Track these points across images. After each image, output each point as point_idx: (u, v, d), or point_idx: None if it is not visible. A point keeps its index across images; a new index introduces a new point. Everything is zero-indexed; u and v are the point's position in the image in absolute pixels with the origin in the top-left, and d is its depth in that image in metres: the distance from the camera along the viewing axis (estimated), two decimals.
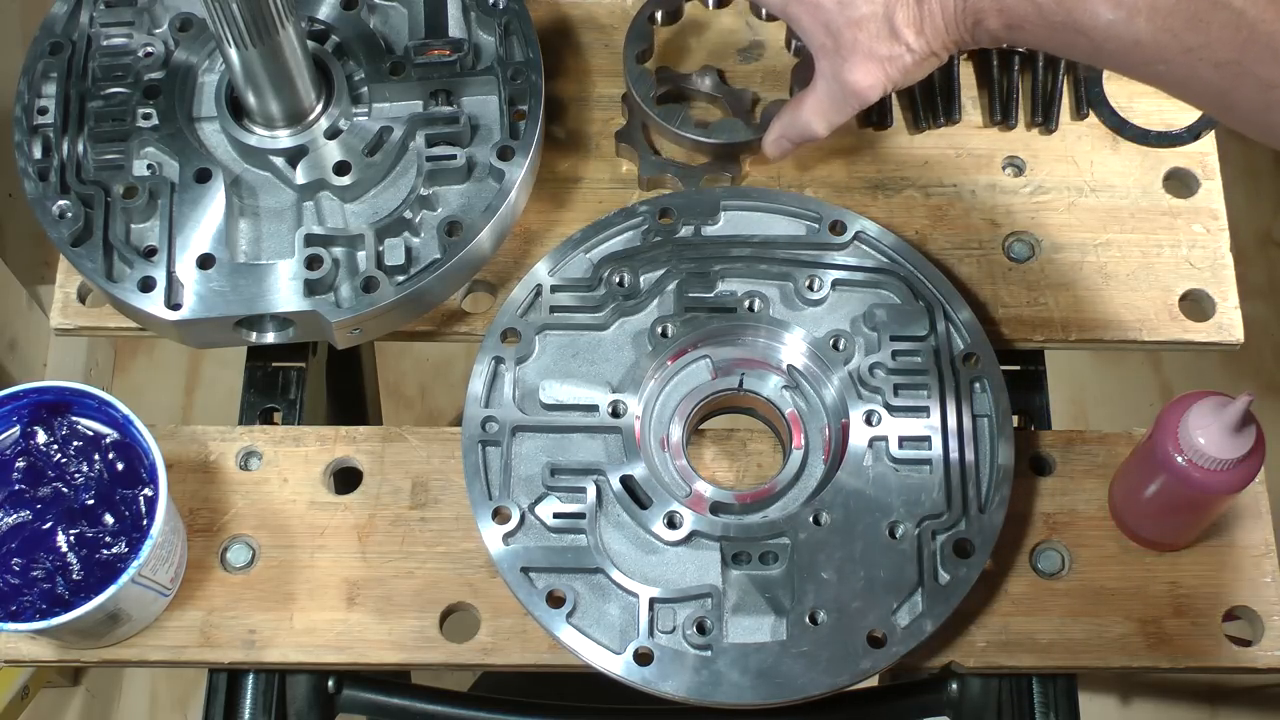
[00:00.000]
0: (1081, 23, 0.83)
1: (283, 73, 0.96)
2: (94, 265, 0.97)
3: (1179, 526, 0.96)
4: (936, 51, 0.91)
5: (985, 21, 0.88)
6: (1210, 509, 0.93)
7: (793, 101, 1.00)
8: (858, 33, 0.90)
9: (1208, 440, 0.86)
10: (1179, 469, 0.88)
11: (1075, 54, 0.87)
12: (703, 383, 1.00)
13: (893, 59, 0.91)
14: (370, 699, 1.01)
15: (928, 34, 0.90)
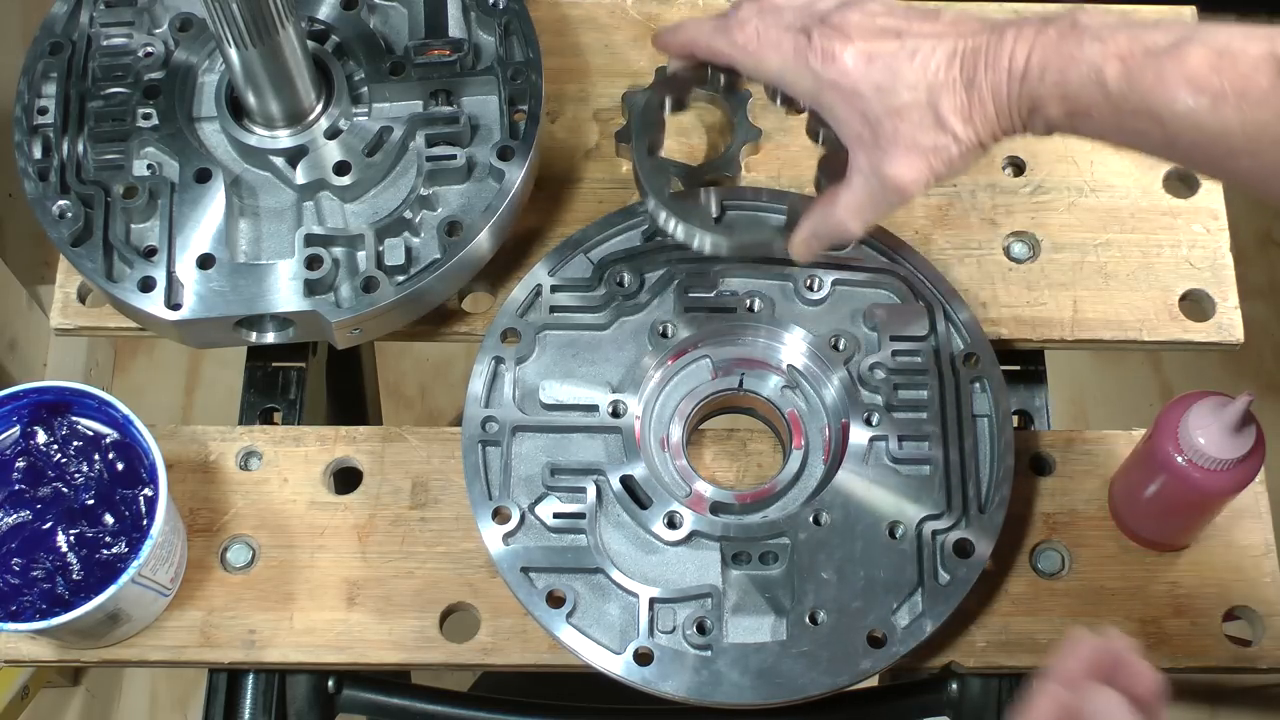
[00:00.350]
0: (1157, 110, 0.74)
1: (283, 73, 0.96)
2: (94, 265, 0.97)
3: (1179, 526, 0.96)
4: (984, 142, 0.82)
5: (1044, 109, 0.79)
6: (1210, 509, 0.93)
7: (824, 198, 0.89)
8: (899, 122, 0.82)
9: (1208, 440, 0.86)
10: (1179, 469, 0.88)
11: (1144, 145, 0.78)
12: (703, 383, 1.00)
13: (937, 150, 0.82)
14: (370, 699, 1.01)
15: (976, 123, 0.81)
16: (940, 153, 0.82)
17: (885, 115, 0.82)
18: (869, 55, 0.82)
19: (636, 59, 1.15)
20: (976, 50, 0.80)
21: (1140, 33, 0.76)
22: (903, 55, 0.81)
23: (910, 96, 0.81)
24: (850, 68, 0.82)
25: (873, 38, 0.82)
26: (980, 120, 0.81)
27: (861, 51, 0.82)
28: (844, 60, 0.82)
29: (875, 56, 0.82)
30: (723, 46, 0.89)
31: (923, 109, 0.81)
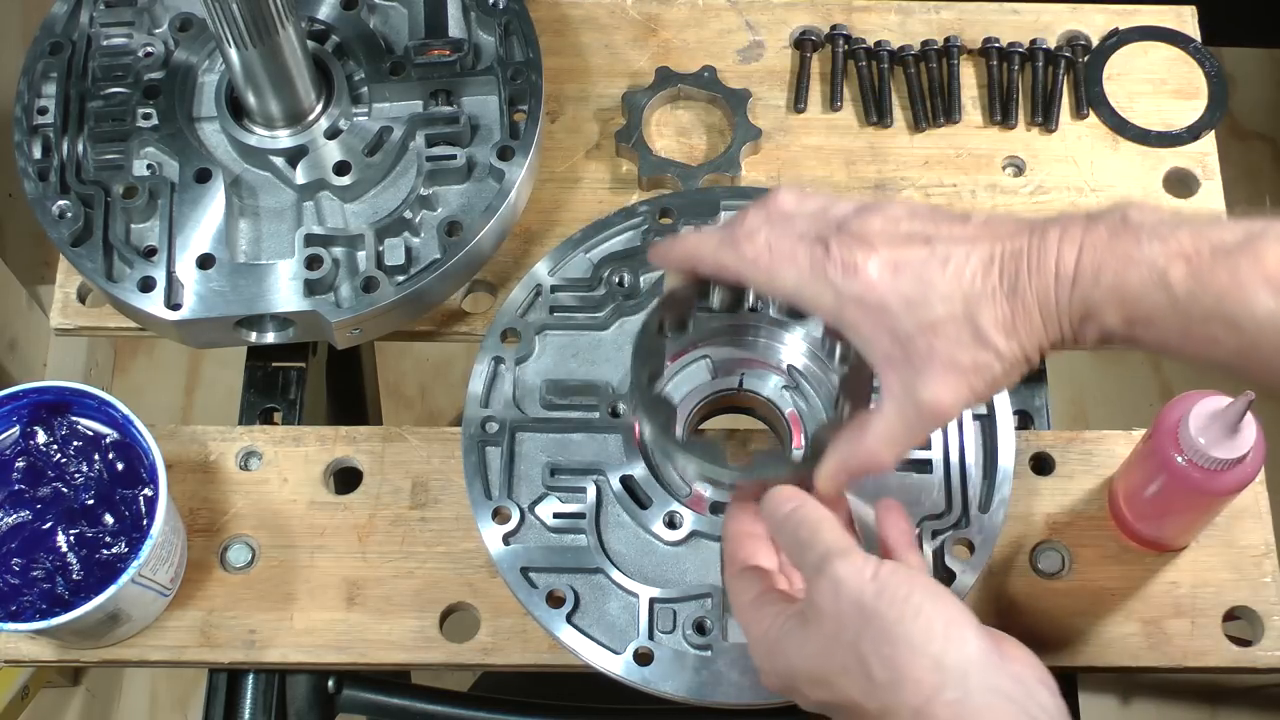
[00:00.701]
0: (1233, 314, 0.67)
1: (283, 73, 0.96)
2: (94, 265, 0.97)
3: (1179, 527, 0.96)
4: (1030, 356, 0.74)
5: (1099, 316, 0.71)
6: (1210, 509, 0.93)
7: (853, 427, 0.79)
8: (934, 339, 0.73)
9: (1208, 440, 0.86)
10: (1179, 469, 0.88)
11: (1216, 353, 0.70)
12: (703, 383, 1.00)
13: (979, 369, 0.73)
14: (370, 699, 1.01)
15: (1021, 335, 0.73)
16: (982, 371, 0.74)
17: (918, 332, 0.73)
18: (895, 265, 0.73)
19: (636, 59, 1.15)
20: (1017, 254, 0.72)
21: (1203, 229, 0.70)
22: (934, 263, 0.73)
23: (945, 310, 0.73)
24: (875, 280, 0.73)
25: (898, 245, 0.74)
26: (1025, 332, 0.73)
27: (887, 261, 0.73)
28: (868, 271, 0.73)
29: (903, 266, 0.73)
30: (730, 261, 0.79)
31: (960, 323, 0.73)
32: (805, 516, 0.76)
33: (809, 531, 0.75)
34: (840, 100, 1.14)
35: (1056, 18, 1.17)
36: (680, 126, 1.13)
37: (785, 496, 0.78)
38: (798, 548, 0.76)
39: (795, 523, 0.76)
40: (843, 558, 0.73)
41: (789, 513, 0.77)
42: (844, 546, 0.74)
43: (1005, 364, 0.74)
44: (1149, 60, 1.15)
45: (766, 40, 1.16)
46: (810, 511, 0.76)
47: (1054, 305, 0.72)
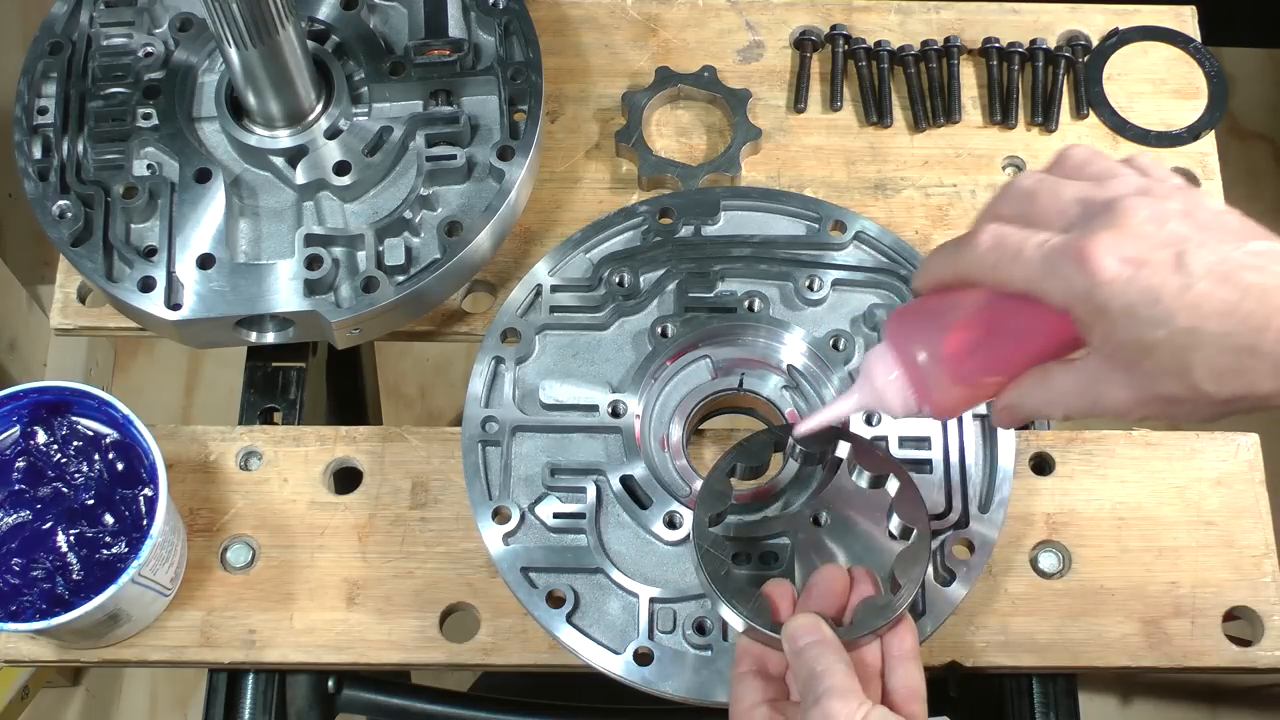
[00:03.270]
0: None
1: (283, 73, 0.96)
2: (94, 265, 0.97)
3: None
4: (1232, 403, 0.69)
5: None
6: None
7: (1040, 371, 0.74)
8: (1142, 359, 0.68)
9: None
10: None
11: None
12: (703, 383, 1.00)
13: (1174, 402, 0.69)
14: (370, 699, 1.01)
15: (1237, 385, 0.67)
16: (1172, 406, 0.70)
17: (1130, 343, 0.68)
18: (1135, 264, 0.67)
19: (636, 59, 1.15)
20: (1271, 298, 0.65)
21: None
22: (1173, 280, 0.66)
23: (1165, 334, 0.66)
24: (1106, 278, 0.67)
25: (1148, 244, 0.67)
26: (1239, 386, 0.67)
27: (1127, 259, 0.67)
28: (1101, 266, 0.67)
29: (1141, 270, 0.67)
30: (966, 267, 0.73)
31: (1173, 354, 0.67)
32: (821, 654, 0.78)
33: (822, 667, 0.77)
34: (840, 100, 1.14)
35: (1056, 18, 1.17)
36: (680, 126, 1.13)
37: (807, 628, 0.80)
38: (807, 676, 0.78)
39: (812, 656, 0.78)
40: (841, 697, 0.75)
41: (807, 645, 0.79)
42: (846, 688, 0.76)
43: (1203, 412, 0.69)
44: (1149, 60, 1.15)
45: (766, 40, 1.16)
46: (827, 650, 0.78)
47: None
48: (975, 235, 0.73)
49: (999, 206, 0.74)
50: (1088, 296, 0.67)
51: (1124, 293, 0.67)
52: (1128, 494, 1.00)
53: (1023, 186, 0.73)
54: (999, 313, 0.73)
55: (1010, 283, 0.71)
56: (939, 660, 0.95)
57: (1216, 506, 1.00)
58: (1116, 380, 0.70)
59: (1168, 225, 0.68)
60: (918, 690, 0.81)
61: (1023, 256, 0.70)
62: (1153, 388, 0.69)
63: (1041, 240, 0.70)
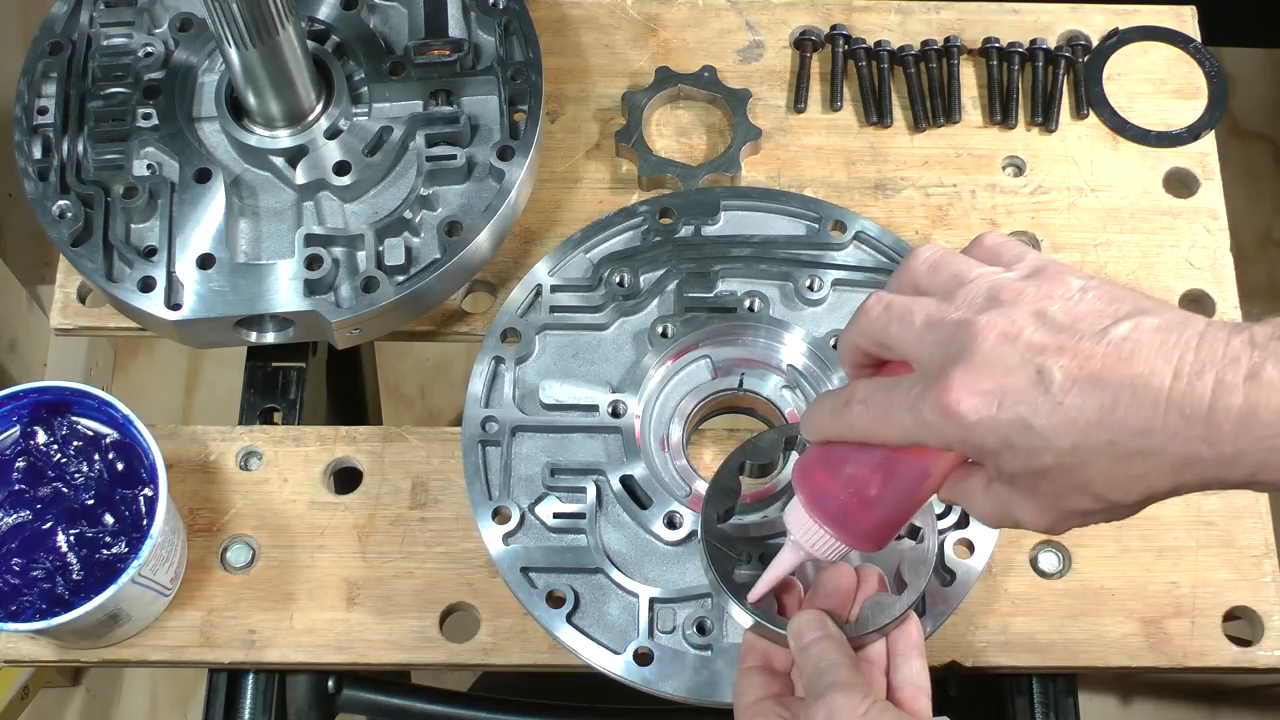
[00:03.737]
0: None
1: (283, 73, 0.96)
2: (94, 265, 0.97)
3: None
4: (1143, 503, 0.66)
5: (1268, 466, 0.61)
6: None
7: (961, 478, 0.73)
8: (1038, 482, 0.66)
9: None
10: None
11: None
12: (703, 383, 1.00)
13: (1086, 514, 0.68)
14: (370, 699, 1.01)
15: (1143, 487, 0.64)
16: (1088, 517, 0.67)
17: (1022, 471, 0.66)
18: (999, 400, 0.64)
19: (636, 59, 1.15)
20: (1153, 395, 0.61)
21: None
22: (1043, 403, 0.63)
23: (1053, 460, 0.64)
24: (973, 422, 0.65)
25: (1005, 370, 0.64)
26: (1142, 489, 0.64)
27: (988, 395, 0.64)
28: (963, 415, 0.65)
29: (1006, 403, 0.64)
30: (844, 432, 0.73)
31: (1068, 474, 0.64)
32: (826, 649, 0.78)
33: (827, 662, 0.77)
34: (840, 100, 1.14)
35: (1056, 18, 1.17)
36: (680, 126, 1.13)
37: (813, 624, 0.80)
38: (812, 671, 0.77)
39: (817, 651, 0.78)
40: (845, 691, 0.74)
41: (813, 640, 0.79)
42: (851, 683, 0.75)
43: (1126, 513, 0.67)
44: (1149, 60, 1.15)
45: (766, 40, 1.16)
46: (832, 646, 0.78)
47: (1200, 458, 0.61)
48: (848, 400, 0.71)
49: (856, 339, 0.72)
50: (963, 441, 0.66)
51: (994, 429, 0.64)
52: None
53: (874, 316, 0.70)
54: (895, 457, 0.72)
55: (890, 441, 0.70)
56: (939, 660, 0.95)
57: (1216, 506, 1.00)
58: (1026, 505, 0.68)
59: (1021, 338, 0.64)
60: (923, 686, 0.80)
61: (892, 415, 0.68)
62: (1061, 505, 0.67)
63: (905, 392, 0.67)
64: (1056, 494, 0.66)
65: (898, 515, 0.75)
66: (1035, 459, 0.64)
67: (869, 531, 0.76)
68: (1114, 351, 0.62)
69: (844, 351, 0.74)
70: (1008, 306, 0.65)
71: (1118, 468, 0.63)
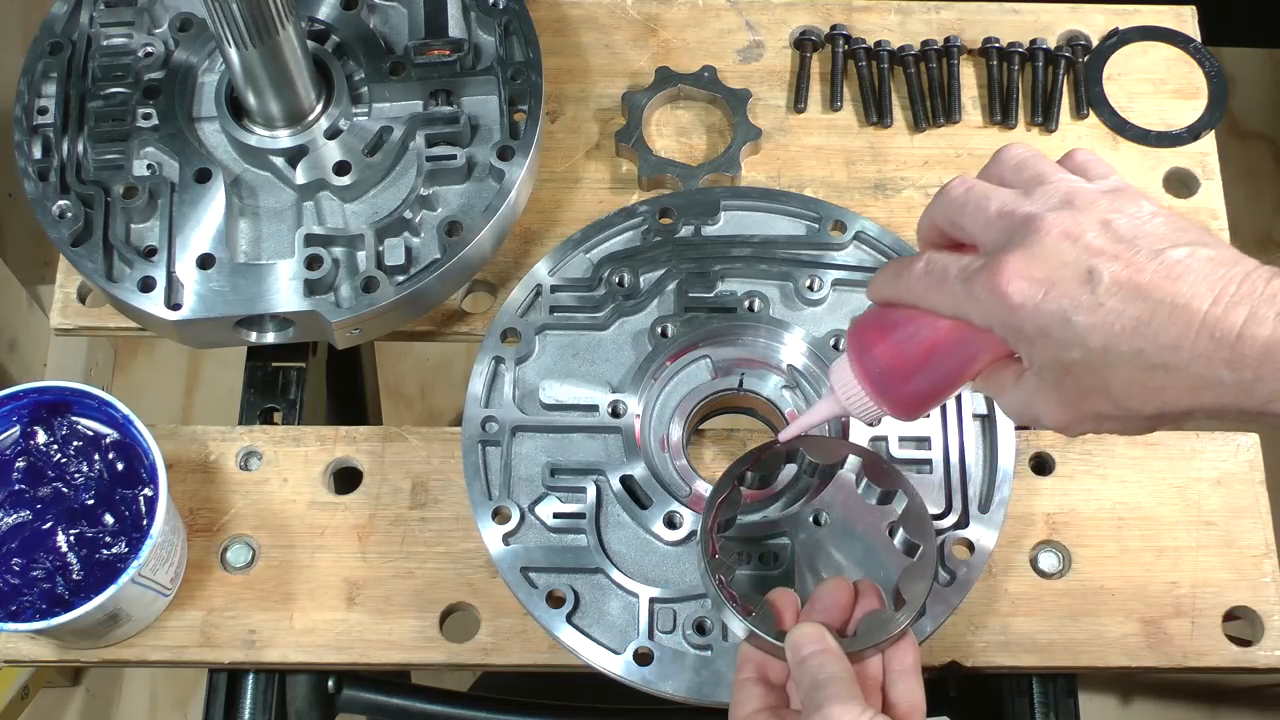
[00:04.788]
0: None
1: (283, 73, 0.96)
2: (94, 265, 0.97)
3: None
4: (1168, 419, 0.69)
5: None
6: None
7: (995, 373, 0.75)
8: (1064, 375, 0.69)
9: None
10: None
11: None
12: (703, 383, 1.00)
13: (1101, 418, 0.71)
14: (370, 699, 1.01)
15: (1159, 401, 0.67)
16: (1103, 422, 0.70)
17: (1051, 362, 0.69)
18: (1046, 287, 0.67)
19: (636, 59, 1.15)
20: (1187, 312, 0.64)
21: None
22: (1084, 297, 0.66)
23: (1081, 355, 0.67)
24: (1016, 303, 0.68)
25: (1059, 263, 0.67)
26: (1159, 402, 0.67)
27: (1038, 281, 0.67)
28: (1009, 293, 0.68)
29: (1053, 292, 0.67)
30: (901, 293, 0.75)
31: (1093, 373, 0.67)
32: (825, 662, 0.78)
33: (825, 675, 0.77)
34: (840, 100, 1.14)
35: (1056, 18, 1.17)
36: (680, 126, 1.13)
37: (812, 637, 0.80)
38: (810, 684, 0.78)
39: (815, 664, 0.78)
40: (843, 703, 0.75)
41: (812, 654, 0.79)
42: (849, 695, 0.75)
43: (1140, 425, 0.69)
44: (1149, 60, 1.15)
45: (766, 40, 1.16)
46: (830, 659, 0.78)
47: (1220, 381, 0.64)
48: (912, 262, 0.74)
49: (934, 215, 0.75)
50: (1003, 321, 0.69)
51: (1036, 316, 0.67)
52: (1128, 494, 1.00)
53: (954, 196, 0.73)
54: (943, 329, 0.75)
55: (939, 309, 0.73)
56: (939, 660, 0.95)
57: (1216, 506, 1.00)
58: (1049, 398, 0.71)
59: (1082, 239, 0.67)
60: (918, 705, 0.81)
61: (946, 283, 0.72)
62: (1081, 405, 0.70)
63: (963, 266, 0.71)
64: (1078, 391, 0.69)
65: (935, 389, 0.77)
66: (1066, 352, 0.67)
67: (906, 399, 0.77)
68: (1164, 270, 0.65)
69: (921, 229, 0.77)
70: (1077, 210, 0.69)
71: (1141, 377, 0.66)
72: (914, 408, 0.79)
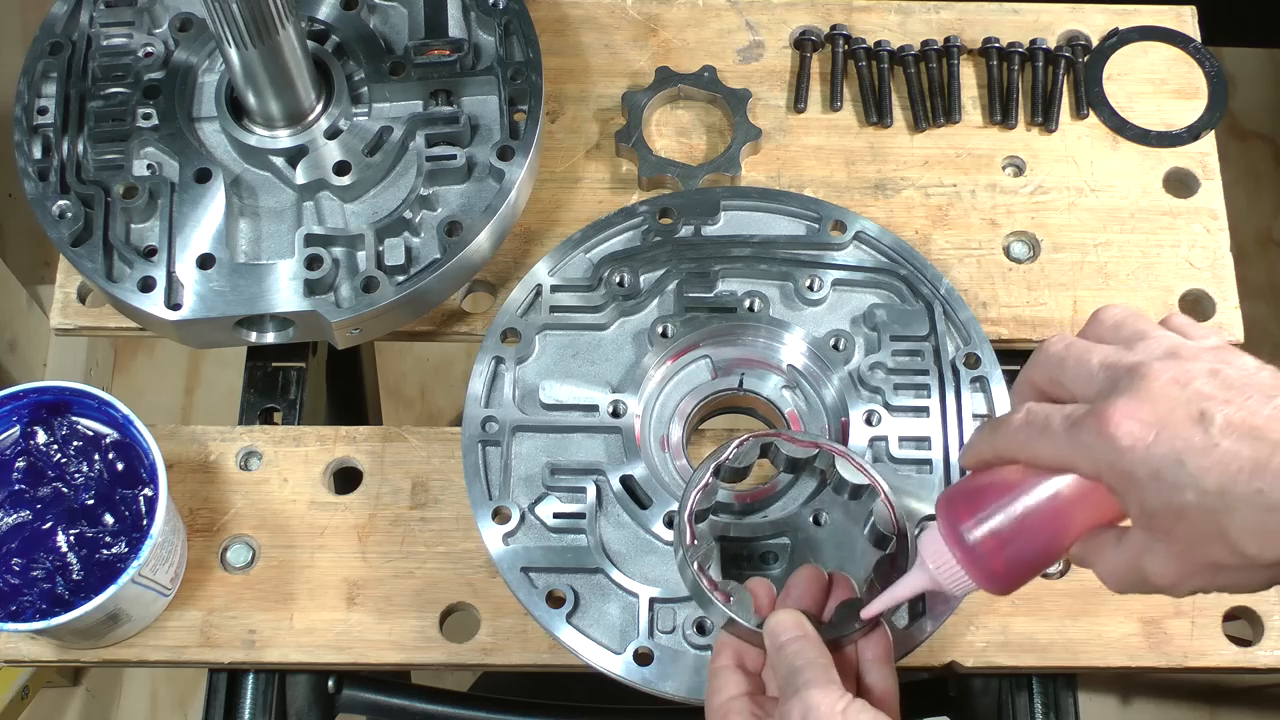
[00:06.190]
0: None
1: (283, 73, 0.96)
2: (94, 265, 0.97)
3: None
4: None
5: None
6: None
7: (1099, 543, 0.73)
8: (1177, 523, 0.66)
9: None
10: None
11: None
12: (703, 383, 1.00)
13: (1219, 570, 0.67)
14: (370, 699, 1.01)
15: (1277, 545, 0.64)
16: (1219, 574, 0.67)
17: (1164, 509, 0.66)
18: (1157, 429, 0.66)
19: (636, 59, 1.15)
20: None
21: None
22: (1197, 439, 0.64)
23: (1195, 498, 0.64)
24: (1126, 445, 0.66)
25: (1168, 406, 0.66)
26: None
27: (1147, 423, 0.66)
28: (1119, 434, 0.66)
29: (1164, 434, 0.65)
30: (1003, 449, 0.74)
31: (1209, 517, 0.64)
32: (803, 648, 0.78)
33: (803, 661, 0.77)
34: (840, 100, 1.14)
35: (1056, 18, 1.17)
36: (680, 126, 1.13)
37: (789, 624, 0.80)
38: (788, 670, 0.78)
39: (794, 650, 0.78)
40: (822, 688, 0.75)
41: (790, 640, 0.79)
42: (828, 680, 0.76)
43: (1261, 576, 0.67)
44: (1149, 60, 1.15)
45: (766, 40, 1.16)
46: (808, 645, 0.79)
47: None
48: (1011, 414, 0.73)
49: (1032, 374, 0.74)
50: (1112, 466, 0.67)
51: (1147, 459, 0.65)
52: None
53: (1053, 352, 0.73)
54: (1043, 496, 0.73)
55: (1042, 459, 0.71)
56: (939, 660, 0.95)
57: None
58: (1159, 551, 0.68)
59: (1192, 385, 0.66)
60: (892, 691, 0.81)
61: (1050, 431, 0.70)
62: (1194, 556, 0.67)
63: (1068, 414, 0.69)
64: (1192, 540, 0.66)
65: (1033, 562, 0.75)
66: (1179, 495, 0.65)
67: (1003, 571, 0.75)
68: (1278, 413, 0.64)
69: (1019, 388, 0.76)
70: (1185, 360, 0.68)
71: (1260, 518, 0.63)
72: (1010, 580, 0.76)
